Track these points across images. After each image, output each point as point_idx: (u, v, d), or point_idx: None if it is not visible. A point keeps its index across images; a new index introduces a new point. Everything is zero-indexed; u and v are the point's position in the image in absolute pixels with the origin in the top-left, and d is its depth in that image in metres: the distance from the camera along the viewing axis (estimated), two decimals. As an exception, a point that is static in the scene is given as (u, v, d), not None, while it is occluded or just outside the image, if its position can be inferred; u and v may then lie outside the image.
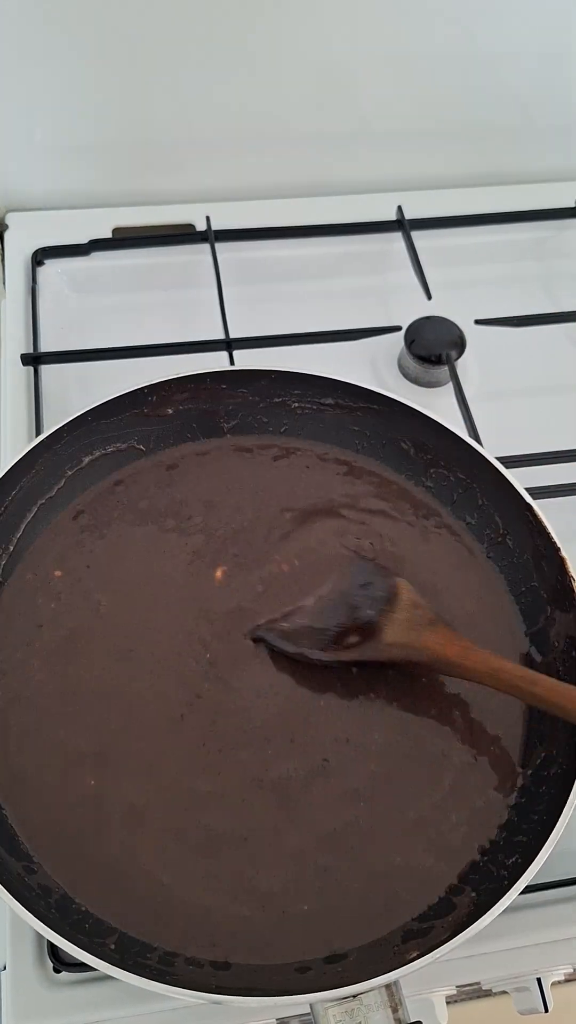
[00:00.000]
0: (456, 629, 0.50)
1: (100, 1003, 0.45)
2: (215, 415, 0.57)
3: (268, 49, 0.69)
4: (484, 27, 0.70)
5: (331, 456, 0.57)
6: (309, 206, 0.77)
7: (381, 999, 0.39)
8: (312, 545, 0.53)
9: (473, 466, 0.54)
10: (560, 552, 0.50)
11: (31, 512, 0.53)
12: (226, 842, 0.45)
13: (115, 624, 0.50)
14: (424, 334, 0.67)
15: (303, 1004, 0.38)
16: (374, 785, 0.46)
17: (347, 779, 0.46)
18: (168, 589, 0.52)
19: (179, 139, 0.74)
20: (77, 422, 0.53)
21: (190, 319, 0.70)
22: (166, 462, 0.56)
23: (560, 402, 0.69)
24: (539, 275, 0.77)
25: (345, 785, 0.46)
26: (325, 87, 0.72)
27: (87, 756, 0.46)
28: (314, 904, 0.43)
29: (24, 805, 0.45)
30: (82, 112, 0.71)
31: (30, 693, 0.48)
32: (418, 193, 0.77)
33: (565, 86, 0.76)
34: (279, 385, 0.56)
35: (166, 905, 0.43)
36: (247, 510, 0.55)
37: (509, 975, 0.47)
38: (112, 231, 0.74)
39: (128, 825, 0.45)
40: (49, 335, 0.68)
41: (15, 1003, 0.44)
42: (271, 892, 0.44)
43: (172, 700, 0.48)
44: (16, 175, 0.73)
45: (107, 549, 0.53)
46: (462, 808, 0.46)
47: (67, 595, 0.51)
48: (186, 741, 0.47)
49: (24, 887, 0.41)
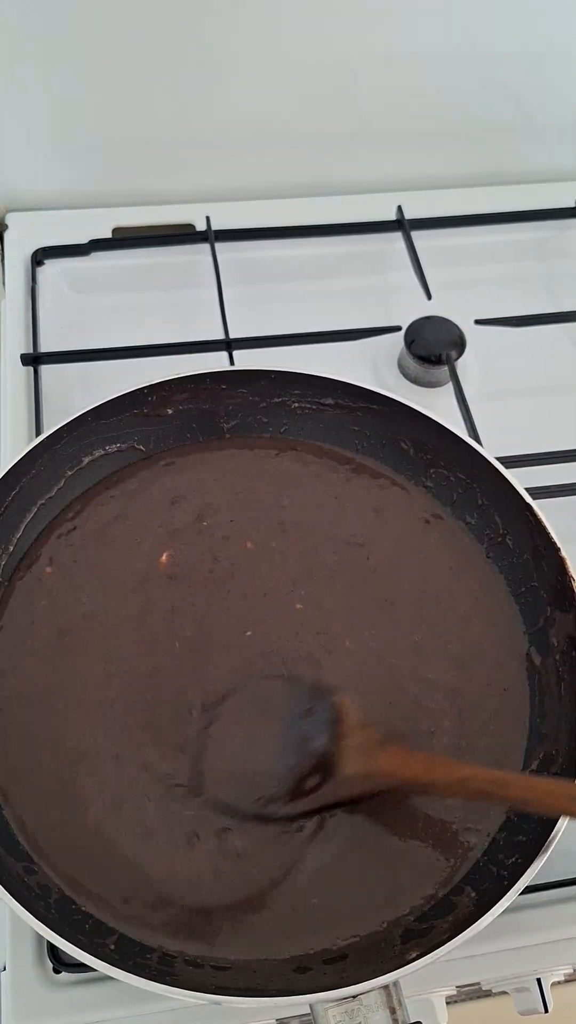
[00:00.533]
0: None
1: (100, 1003, 0.45)
2: (215, 415, 0.57)
3: (268, 49, 0.69)
4: (484, 27, 0.70)
5: (331, 456, 0.57)
6: (309, 206, 0.76)
7: (381, 1000, 0.39)
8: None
9: (473, 466, 0.54)
10: (560, 552, 0.50)
11: (31, 512, 0.53)
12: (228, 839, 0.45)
13: (104, 626, 0.50)
14: (424, 334, 0.67)
15: (303, 1004, 0.38)
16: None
17: None
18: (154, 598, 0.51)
19: (179, 139, 0.74)
20: (77, 422, 0.53)
21: (190, 319, 0.70)
22: (165, 462, 0.56)
23: (560, 402, 0.69)
24: (539, 275, 0.77)
25: None
26: (325, 87, 0.72)
27: (87, 756, 0.46)
28: (321, 897, 0.43)
29: (24, 804, 0.45)
30: (82, 112, 0.71)
31: (31, 692, 0.48)
32: (418, 193, 0.77)
33: (565, 86, 0.76)
34: (279, 385, 0.56)
35: (166, 905, 0.43)
36: (244, 512, 0.55)
37: (509, 975, 0.47)
38: (112, 231, 0.74)
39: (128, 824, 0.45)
40: (49, 335, 0.68)
41: (15, 1003, 0.44)
42: (277, 886, 0.44)
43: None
44: (16, 175, 0.73)
45: (101, 549, 0.53)
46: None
47: (60, 595, 0.51)
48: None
49: (24, 887, 0.41)
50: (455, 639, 0.51)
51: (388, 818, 0.46)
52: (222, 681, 0.48)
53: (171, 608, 0.51)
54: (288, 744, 0.46)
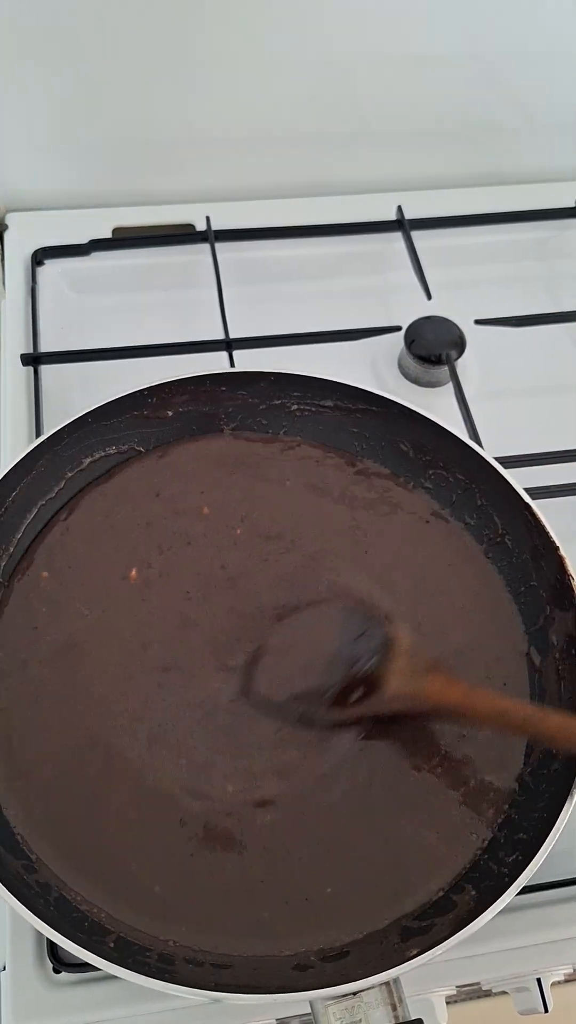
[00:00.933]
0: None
1: (100, 1003, 0.45)
2: (215, 417, 0.57)
3: (268, 49, 0.69)
4: (484, 27, 0.70)
5: (331, 457, 0.57)
6: (309, 206, 0.77)
7: (381, 997, 0.39)
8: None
9: (472, 467, 0.54)
10: (559, 551, 0.50)
11: (31, 513, 0.53)
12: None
13: (103, 628, 0.50)
14: (424, 334, 0.67)
15: (303, 1002, 0.39)
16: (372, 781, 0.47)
17: (356, 772, 0.47)
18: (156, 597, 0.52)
19: (179, 139, 0.74)
20: (77, 423, 0.53)
21: (190, 319, 0.70)
22: (165, 462, 0.56)
23: (560, 402, 0.69)
24: (539, 275, 0.77)
25: (356, 779, 0.47)
26: (325, 87, 0.72)
27: (87, 754, 0.46)
28: (335, 886, 0.44)
29: (24, 803, 0.45)
30: (82, 112, 0.71)
31: (34, 691, 0.48)
32: (418, 193, 0.77)
33: (565, 86, 0.76)
34: (279, 387, 0.56)
35: (166, 903, 0.43)
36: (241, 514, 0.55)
37: (509, 975, 0.47)
38: (112, 231, 0.74)
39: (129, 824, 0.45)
40: (49, 335, 0.68)
41: (15, 1003, 0.44)
42: (281, 881, 0.44)
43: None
44: (16, 175, 0.74)
45: (97, 550, 0.53)
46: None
47: (57, 597, 0.51)
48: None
49: (23, 885, 0.41)
50: (453, 630, 0.51)
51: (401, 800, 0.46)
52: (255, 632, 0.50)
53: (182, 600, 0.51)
54: (339, 660, 0.48)
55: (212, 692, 0.48)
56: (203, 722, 0.48)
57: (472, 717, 0.46)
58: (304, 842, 0.45)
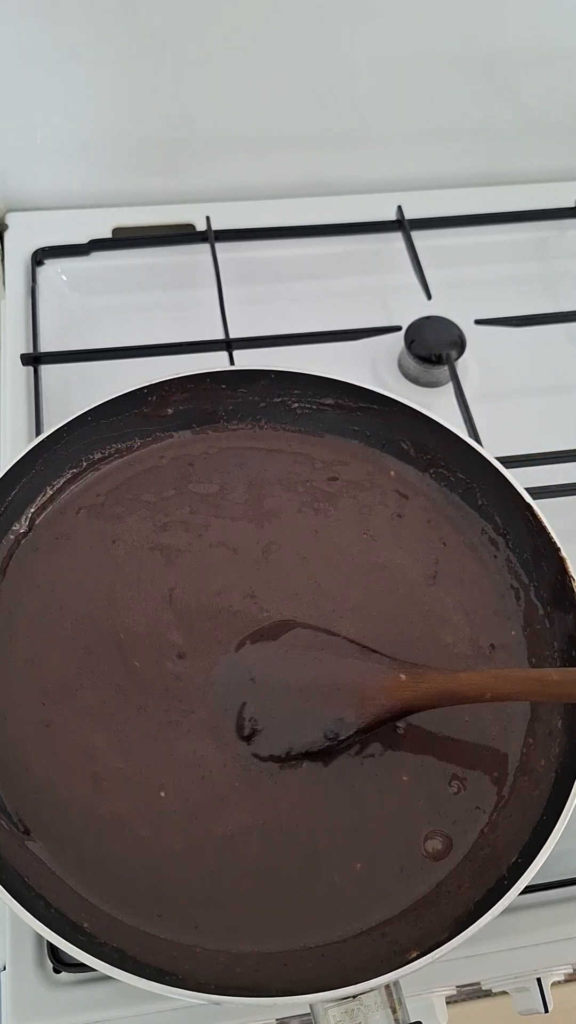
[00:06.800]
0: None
1: (100, 1003, 0.45)
2: (215, 415, 0.57)
3: (268, 49, 0.69)
4: (484, 27, 0.70)
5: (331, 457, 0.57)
6: (309, 206, 0.77)
7: (381, 999, 0.39)
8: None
9: (473, 466, 0.54)
10: (560, 552, 0.49)
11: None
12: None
13: (91, 622, 0.50)
14: (424, 334, 0.67)
15: (303, 1004, 0.38)
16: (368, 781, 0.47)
17: (347, 776, 0.46)
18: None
19: (179, 139, 0.74)
20: (77, 422, 0.53)
21: (190, 319, 0.70)
22: (163, 461, 0.56)
23: (560, 402, 0.69)
24: (539, 275, 0.77)
25: (347, 782, 0.46)
26: (325, 87, 0.72)
27: (86, 754, 0.46)
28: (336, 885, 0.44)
29: (24, 803, 0.45)
30: (82, 112, 0.71)
31: (32, 692, 0.48)
32: (418, 193, 0.77)
33: (565, 86, 0.76)
34: (279, 385, 0.56)
35: (166, 900, 0.43)
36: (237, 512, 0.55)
37: (509, 975, 0.47)
38: (112, 231, 0.74)
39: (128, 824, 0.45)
40: (49, 335, 0.68)
41: (15, 1003, 0.44)
42: (283, 877, 0.44)
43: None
44: (16, 175, 0.74)
45: (92, 548, 0.53)
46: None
47: (48, 593, 0.51)
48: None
49: (23, 887, 0.41)
50: (453, 623, 0.51)
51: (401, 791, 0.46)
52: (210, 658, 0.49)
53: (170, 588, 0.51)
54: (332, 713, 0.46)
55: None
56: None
57: (506, 696, 0.44)
58: (304, 844, 0.45)
